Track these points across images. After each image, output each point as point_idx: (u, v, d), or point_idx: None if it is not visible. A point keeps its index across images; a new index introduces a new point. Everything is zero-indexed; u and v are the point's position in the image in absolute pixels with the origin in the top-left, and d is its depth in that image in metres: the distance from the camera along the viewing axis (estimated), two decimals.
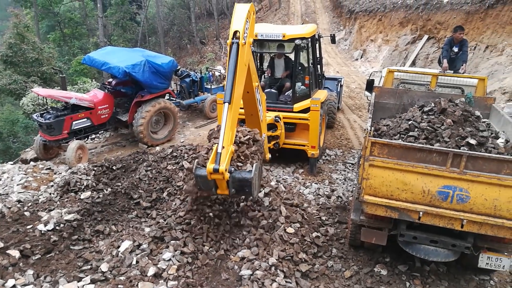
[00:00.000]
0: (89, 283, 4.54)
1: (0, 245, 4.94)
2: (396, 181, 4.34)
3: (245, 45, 4.88)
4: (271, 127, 7.64)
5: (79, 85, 16.44)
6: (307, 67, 8.59)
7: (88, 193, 6.58)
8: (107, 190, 6.73)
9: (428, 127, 4.87)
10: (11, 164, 8.88)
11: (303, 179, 7.86)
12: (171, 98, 11.43)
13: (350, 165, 8.78)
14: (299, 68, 8.38)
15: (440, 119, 4.99)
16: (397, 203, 4.41)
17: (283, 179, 7.75)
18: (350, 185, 7.67)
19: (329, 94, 10.36)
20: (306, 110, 7.80)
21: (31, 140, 14.82)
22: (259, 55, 9.30)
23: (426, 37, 17.39)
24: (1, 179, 7.39)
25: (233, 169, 4.51)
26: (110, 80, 10.30)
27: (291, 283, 4.71)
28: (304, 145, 7.96)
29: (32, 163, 8.69)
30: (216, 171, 4.29)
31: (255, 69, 5.90)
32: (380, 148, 4.32)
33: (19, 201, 6.39)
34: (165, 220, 5.64)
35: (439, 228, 4.45)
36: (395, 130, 5.17)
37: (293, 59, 8.25)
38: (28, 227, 5.50)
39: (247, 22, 4.99)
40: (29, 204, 6.32)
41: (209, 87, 13.24)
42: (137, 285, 4.41)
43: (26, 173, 7.80)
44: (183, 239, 5.13)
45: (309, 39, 8.21)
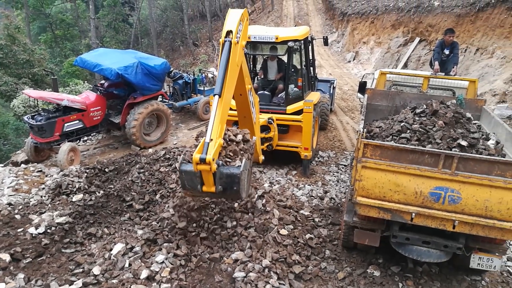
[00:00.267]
0: (81, 287, 4.50)
1: None
2: (388, 182, 4.37)
3: (237, 44, 4.86)
4: (264, 129, 7.65)
5: (71, 87, 16.34)
6: (300, 69, 8.62)
7: (80, 196, 6.53)
8: (99, 192, 6.68)
9: (420, 129, 4.91)
10: (2, 166, 8.79)
11: (296, 181, 7.87)
12: (164, 100, 11.39)
13: (343, 166, 8.81)
14: (292, 70, 8.40)
15: (432, 121, 5.03)
16: (389, 205, 4.44)
17: (276, 180, 7.76)
18: (343, 187, 7.70)
19: (322, 96, 10.40)
20: (299, 112, 7.82)
21: (22, 142, 14.67)
22: (252, 57, 9.31)
23: (417, 39, 17.54)
24: None
25: (221, 162, 4.27)
26: (102, 82, 10.24)
27: (284, 285, 4.71)
28: (297, 147, 7.98)
29: (23, 165, 8.60)
30: (202, 161, 4.04)
31: (248, 71, 5.90)
32: (372, 149, 4.34)
33: (10, 204, 6.32)
34: (158, 222, 5.61)
35: (431, 229, 4.48)
36: (388, 131, 5.20)
37: (286, 61, 8.27)
38: (19, 230, 5.44)
39: (240, 24, 4.98)
40: (20, 207, 6.26)
41: (202, 89, 13.22)
42: None
43: (17, 176, 7.72)
44: (176, 242, 5.10)
45: (302, 41, 8.24)
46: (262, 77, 9.02)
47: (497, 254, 4.64)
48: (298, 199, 6.86)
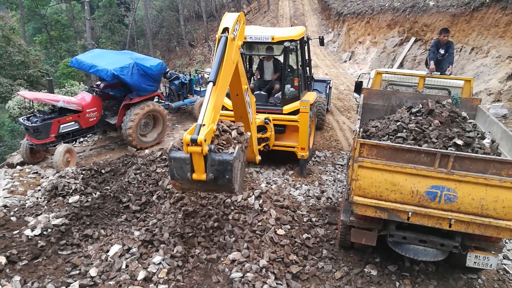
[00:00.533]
0: None
1: None
2: (385, 182, 4.38)
3: (233, 41, 4.84)
4: (261, 129, 7.64)
5: (66, 88, 16.29)
6: (296, 69, 8.63)
7: (76, 197, 6.50)
8: (95, 193, 6.66)
9: (416, 128, 4.93)
10: None
11: (293, 181, 7.87)
12: (160, 100, 11.37)
13: (339, 166, 8.83)
14: (288, 70, 8.41)
15: (427, 120, 5.06)
16: (386, 204, 4.45)
17: (273, 181, 7.76)
18: (339, 186, 7.71)
19: (318, 96, 10.41)
20: (295, 112, 7.83)
21: (17, 144, 14.59)
22: (248, 57, 9.31)
23: (413, 39, 17.61)
24: None
25: (213, 147, 4.06)
26: (98, 83, 10.21)
27: (281, 284, 4.71)
28: (294, 147, 7.98)
29: (18, 167, 8.56)
30: (193, 142, 3.83)
31: (244, 72, 5.89)
32: (369, 149, 4.35)
33: (5, 206, 6.29)
34: (155, 223, 5.60)
35: (428, 228, 4.50)
36: (384, 131, 5.22)
37: (282, 62, 8.28)
38: (14, 232, 5.41)
39: (237, 23, 4.99)
40: (16, 209, 6.22)
41: (198, 89, 13.20)
42: None
43: (12, 178, 7.68)
44: (173, 243, 5.10)
45: (298, 42, 8.25)
46: (258, 77, 9.02)
47: (493, 252, 4.66)
48: (295, 199, 6.86)
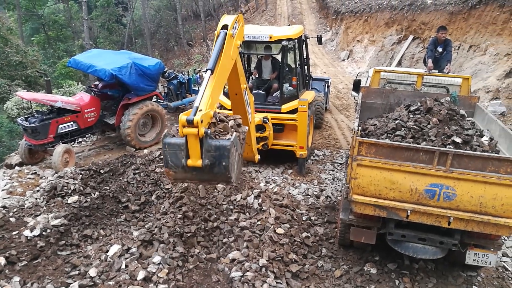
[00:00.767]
0: None
1: None
2: (384, 180, 4.38)
3: (232, 38, 4.83)
4: (260, 128, 7.64)
5: (64, 88, 16.26)
6: (294, 68, 8.63)
7: (75, 198, 6.49)
8: (94, 194, 6.65)
9: (414, 126, 4.93)
10: None
11: (292, 180, 7.87)
12: (159, 100, 11.36)
13: (338, 165, 8.84)
14: (287, 69, 8.41)
15: (426, 118, 5.06)
16: (385, 202, 4.45)
17: (272, 180, 7.76)
18: (338, 185, 7.72)
19: (317, 94, 10.41)
20: (294, 111, 7.83)
21: (15, 144, 14.56)
22: (246, 56, 9.30)
23: (411, 37, 17.62)
24: None
25: (210, 131, 3.88)
26: (96, 83, 10.19)
27: (281, 283, 4.71)
28: (292, 146, 7.99)
29: (17, 168, 8.55)
30: (190, 123, 3.69)
31: (243, 71, 5.90)
32: (367, 147, 4.36)
33: (4, 207, 6.28)
34: (154, 223, 5.59)
35: (427, 226, 4.51)
36: (382, 129, 5.22)
37: (280, 60, 8.28)
38: (13, 233, 5.40)
39: (236, 22, 4.99)
40: (15, 209, 6.21)
41: (196, 88, 13.19)
42: None
43: (11, 178, 7.67)
44: (172, 242, 5.09)
45: (296, 40, 8.24)
46: (256, 76, 9.02)
47: (492, 249, 4.67)
48: (294, 198, 6.87)
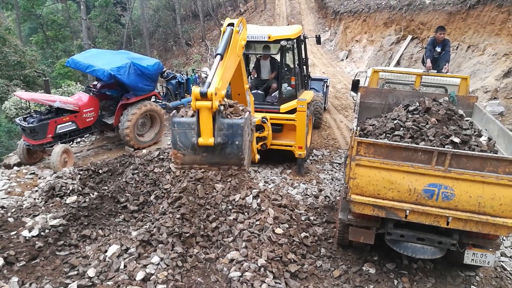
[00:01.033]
0: None
1: None
2: (382, 180, 4.39)
3: (238, 34, 4.82)
4: (258, 128, 7.64)
5: (63, 88, 16.23)
6: (293, 68, 8.63)
7: (74, 198, 6.48)
8: (93, 194, 6.64)
9: (413, 126, 4.93)
10: None
11: (291, 180, 7.88)
12: (157, 100, 11.35)
13: (337, 164, 8.84)
14: (285, 69, 8.41)
15: (424, 118, 5.06)
16: (384, 202, 4.46)
17: (271, 180, 7.77)
18: (337, 185, 7.72)
19: (315, 94, 10.42)
20: (292, 111, 7.83)
21: (14, 144, 14.55)
22: (245, 56, 9.30)
23: (410, 37, 17.63)
24: None
25: (222, 108, 3.70)
26: (95, 83, 10.18)
27: (280, 283, 4.71)
28: (291, 146, 7.99)
29: (15, 168, 8.53)
30: (203, 95, 3.49)
31: (245, 72, 5.92)
32: (366, 147, 4.36)
33: (3, 207, 6.26)
34: (153, 223, 5.59)
35: (426, 226, 4.51)
36: (381, 129, 5.22)
37: (279, 60, 8.27)
38: (12, 233, 5.39)
39: (240, 23, 5.03)
40: (13, 210, 6.20)
41: None
42: None
43: (9, 179, 7.65)
44: (171, 243, 5.09)
45: (295, 40, 8.25)
46: (255, 76, 9.02)
47: (491, 249, 4.68)
48: (293, 198, 6.87)
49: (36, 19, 33.79)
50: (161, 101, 11.62)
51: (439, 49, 8.69)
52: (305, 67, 9.31)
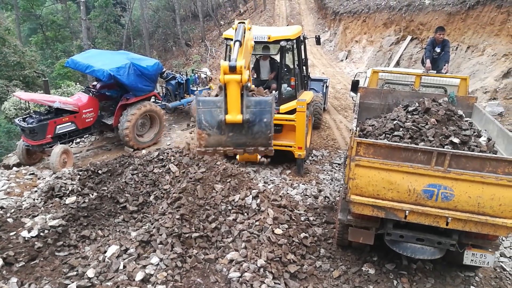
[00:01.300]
0: None
1: None
2: (382, 180, 4.38)
3: (250, 31, 4.84)
4: None
5: (62, 88, 16.24)
6: (293, 69, 8.63)
7: (73, 198, 6.48)
8: (92, 194, 6.63)
9: (412, 127, 4.93)
10: None
11: (290, 180, 7.88)
12: (157, 100, 11.35)
13: (336, 165, 8.84)
14: (285, 69, 8.41)
15: (424, 119, 5.06)
16: (383, 203, 4.45)
17: (270, 180, 7.77)
18: (337, 185, 7.72)
19: (315, 95, 10.42)
20: (292, 111, 7.83)
21: (13, 145, 14.54)
22: None
23: (409, 37, 17.64)
24: None
25: (249, 84, 3.58)
26: (94, 83, 10.18)
27: (279, 284, 4.71)
28: (291, 146, 7.98)
29: (15, 168, 8.53)
30: (232, 69, 3.36)
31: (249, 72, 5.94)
32: (365, 148, 4.36)
33: (2, 208, 6.26)
34: (152, 223, 5.58)
35: (425, 226, 4.51)
36: (381, 130, 5.22)
37: (278, 61, 8.27)
38: (11, 234, 5.38)
39: (250, 22, 5.06)
40: (12, 210, 6.19)
41: (195, 89, 13.18)
42: None
43: (8, 179, 7.65)
44: (170, 243, 5.08)
45: (294, 41, 8.25)
46: (254, 76, 9.02)
47: (490, 250, 4.68)
48: (292, 198, 6.87)
49: (35, 19, 33.78)
50: (160, 101, 11.63)
51: (438, 50, 8.70)
52: (304, 67, 9.31)
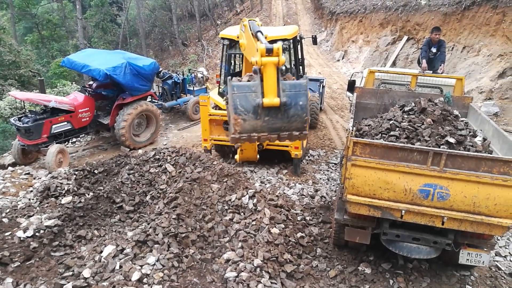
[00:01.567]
0: None
1: None
2: (378, 180, 4.39)
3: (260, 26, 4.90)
4: None
5: (58, 88, 16.19)
6: (289, 68, 8.62)
7: (69, 198, 6.45)
8: (88, 194, 6.61)
9: (408, 127, 4.95)
10: None
11: (287, 180, 7.88)
12: (153, 100, 11.33)
13: (333, 165, 8.85)
14: (281, 69, 8.39)
15: (420, 119, 5.08)
16: (379, 202, 4.47)
17: (267, 180, 7.77)
18: (333, 185, 7.73)
19: (312, 95, 10.42)
20: None
21: (9, 144, 14.47)
22: (241, 56, 9.30)
23: (405, 38, 17.70)
24: None
25: (284, 67, 3.57)
26: (90, 82, 10.16)
27: (276, 284, 4.71)
28: (287, 146, 7.98)
29: (10, 168, 8.49)
30: (269, 52, 3.38)
31: None
32: (362, 147, 4.37)
33: None
34: (148, 223, 5.57)
35: (421, 225, 4.53)
36: (377, 130, 5.23)
37: None
38: (6, 234, 5.35)
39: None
40: (7, 210, 6.16)
41: (191, 89, 13.17)
42: None
43: (4, 179, 7.61)
44: (167, 243, 5.07)
45: (291, 41, 8.25)
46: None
47: (486, 249, 4.70)
48: (289, 198, 6.87)
49: (31, 18, 33.60)
50: (157, 101, 11.61)
51: (434, 50, 8.73)
52: (301, 67, 9.31)
